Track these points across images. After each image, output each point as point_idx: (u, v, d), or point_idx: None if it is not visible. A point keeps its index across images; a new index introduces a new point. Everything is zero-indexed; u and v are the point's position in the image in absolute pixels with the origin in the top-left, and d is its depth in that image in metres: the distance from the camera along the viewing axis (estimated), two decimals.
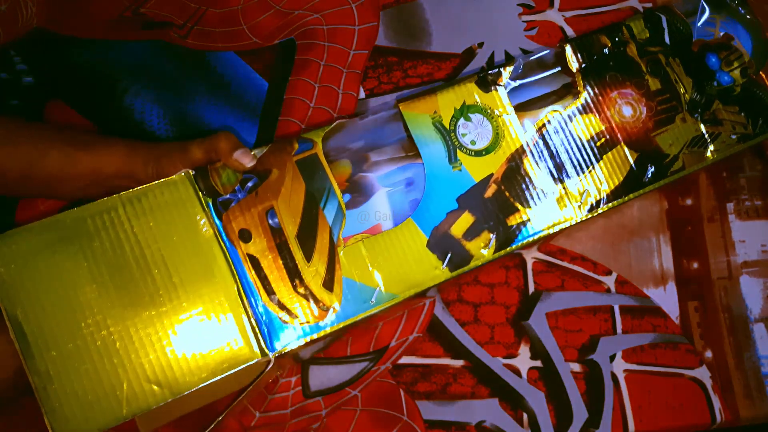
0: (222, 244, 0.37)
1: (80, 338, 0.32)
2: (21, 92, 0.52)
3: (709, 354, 0.53)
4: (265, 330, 0.37)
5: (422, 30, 0.56)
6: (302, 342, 0.37)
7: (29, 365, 0.31)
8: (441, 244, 0.41)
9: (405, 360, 0.50)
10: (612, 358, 0.52)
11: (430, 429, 0.49)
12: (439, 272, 0.41)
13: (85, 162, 0.39)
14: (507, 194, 0.43)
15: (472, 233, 0.42)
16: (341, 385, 0.49)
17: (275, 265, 0.38)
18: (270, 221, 0.38)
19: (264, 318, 0.37)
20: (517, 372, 0.51)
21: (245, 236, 0.38)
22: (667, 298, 0.54)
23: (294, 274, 0.38)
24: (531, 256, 0.53)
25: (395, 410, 0.49)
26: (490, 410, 0.50)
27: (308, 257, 0.39)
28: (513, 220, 0.43)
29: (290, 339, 0.37)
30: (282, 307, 0.38)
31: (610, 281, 0.54)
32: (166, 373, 0.34)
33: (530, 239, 0.44)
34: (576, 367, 0.52)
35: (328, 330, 0.38)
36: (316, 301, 0.38)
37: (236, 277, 0.37)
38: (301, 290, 0.38)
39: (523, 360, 0.51)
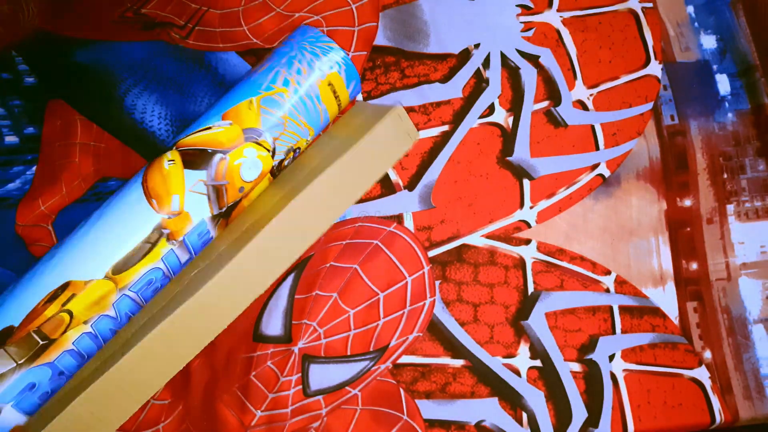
0: None
1: None
2: (23, 92, 0.52)
3: (708, 354, 0.53)
4: None
5: (421, 31, 0.56)
6: None
7: None
8: None
9: (405, 359, 0.50)
10: (611, 357, 0.52)
11: (430, 428, 0.49)
12: None
13: None
14: None
15: None
16: (341, 384, 0.49)
17: None
18: None
19: None
20: (516, 372, 0.51)
21: None
22: (666, 299, 0.54)
23: None
24: (530, 256, 0.53)
25: (395, 409, 0.49)
26: (489, 409, 0.50)
27: None
28: None
29: None
30: None
31: (609, 281, 0.54)
32: None
33: None
34: (575, 366, 0.52)
35: None
36: None
37: None
38: None
39: (523, 360, 0.51)
